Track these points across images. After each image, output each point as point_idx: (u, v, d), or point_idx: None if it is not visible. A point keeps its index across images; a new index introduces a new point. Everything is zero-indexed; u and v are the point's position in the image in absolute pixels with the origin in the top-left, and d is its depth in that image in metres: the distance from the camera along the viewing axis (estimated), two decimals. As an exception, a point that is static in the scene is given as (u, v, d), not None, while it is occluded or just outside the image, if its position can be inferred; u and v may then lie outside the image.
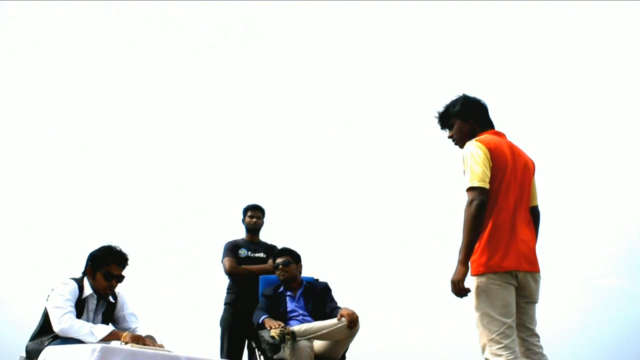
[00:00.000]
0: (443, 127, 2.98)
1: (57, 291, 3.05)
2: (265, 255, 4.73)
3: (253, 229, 4.86)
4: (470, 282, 2.60)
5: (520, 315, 2.64)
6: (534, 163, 2.88)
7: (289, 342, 3.57)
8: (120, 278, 3.21)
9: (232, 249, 4.73)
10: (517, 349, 2.51)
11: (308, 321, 3.85)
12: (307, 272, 4.32)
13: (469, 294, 2.57)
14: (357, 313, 3.70)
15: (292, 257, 4.19)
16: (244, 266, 4.63)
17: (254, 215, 4.87)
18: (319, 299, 4.07)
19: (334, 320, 3.68)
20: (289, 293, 4.11)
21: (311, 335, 3.66)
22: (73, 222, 7.51)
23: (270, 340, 3.52)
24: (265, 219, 4.93)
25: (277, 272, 4.15)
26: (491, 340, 2.48)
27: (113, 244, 3.25)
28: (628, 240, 7.12)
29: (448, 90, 2.98)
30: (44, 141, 8.08)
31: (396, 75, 8.42)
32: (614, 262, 7.39)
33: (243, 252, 4.72)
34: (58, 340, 2.89)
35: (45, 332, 3.01)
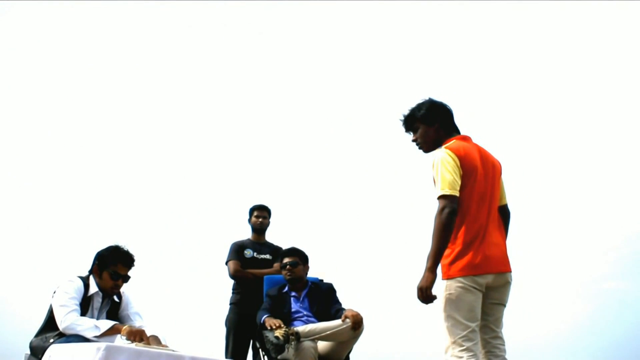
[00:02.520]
0: (407, 130, 2.99)
1: (62, 288, 3.05)
2: (271, 257, 4.72)
3: (259, 229, 4.85)
4: (439, 285, 2.61)
5: (486, 317, 2.67)
6: (500, 163, 2.92)
7: (293, 343, 3.56)
8: (126, 278, 3.25)
9: (237, 250, 4.70)
10: (479, 352, 2.56)
11: (312, 322, 3.84)
12: (311, 272, 4.30)
13: (435, 299, 2.57)
14: (362, 314, 3.69)
15: (300, 258, 4.16)
16: (249, 270, 4.61)
17: (260, 215, 4.86)
18: (323, 299, 4.05)
19: (338, 322, 3.67)
20: (293, 294, 4.09)
21: (315, 336, 3.65)
22: (73, 222, 7.51)
23: (275, 340, 3.50)
24: (271, 219, 4.91)
25: (284, 272, 4.13)
26: (454, 342, 2.51)
27: (120, 244, 3.28)
28: (631, 243, 7.14)
29: (448, 91, 2.99)
30: (44, 141, 8.07)
31: (397, 75, 8.43)
32: (617, 265, 7.40)
33: (248, 253, 4.70)
34: (63, 338, 2.89)
35: (49, 329, 3.01)
